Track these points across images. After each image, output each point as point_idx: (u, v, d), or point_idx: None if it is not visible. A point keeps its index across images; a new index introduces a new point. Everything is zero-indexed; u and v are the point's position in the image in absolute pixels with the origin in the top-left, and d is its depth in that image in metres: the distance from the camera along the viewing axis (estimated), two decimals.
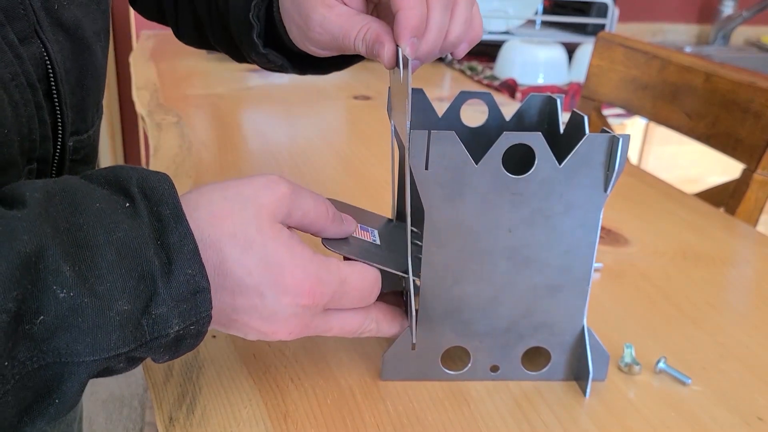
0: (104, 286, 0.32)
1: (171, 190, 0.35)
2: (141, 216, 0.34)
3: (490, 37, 1.66)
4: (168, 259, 0.33)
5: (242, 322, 0.38)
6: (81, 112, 0.47)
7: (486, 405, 0.43)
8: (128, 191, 0.35)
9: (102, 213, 0.33)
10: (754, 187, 0.88)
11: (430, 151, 0.39)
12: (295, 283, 0.37)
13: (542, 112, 0.49)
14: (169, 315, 0.33)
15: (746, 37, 2.37)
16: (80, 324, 0.31)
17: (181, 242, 0.33)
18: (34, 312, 0.30)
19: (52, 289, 0.30)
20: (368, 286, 0.41)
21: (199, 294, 0.34)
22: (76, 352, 0.31)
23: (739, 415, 0.43)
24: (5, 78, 0.39)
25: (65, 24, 0.44)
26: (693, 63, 0.98)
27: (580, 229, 0.42)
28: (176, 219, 0.34)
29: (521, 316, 0.43)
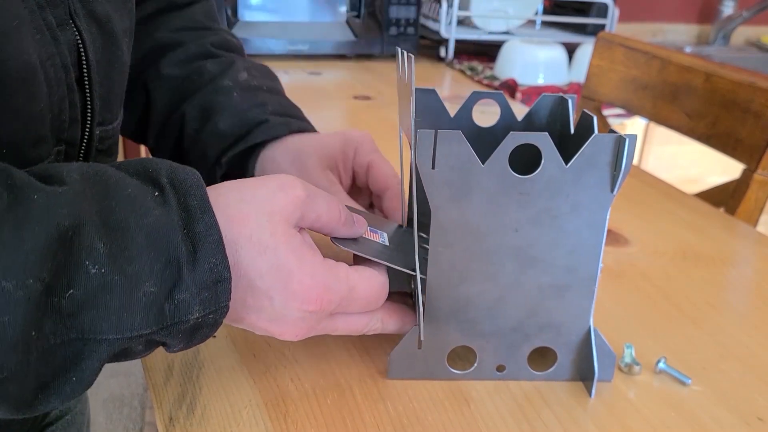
0: (133, 268, 0.33)
1: (199, 182, 0.36)
2: (170, 205, 0.35)
3: (490, 37, 1.66)
4: (194, 247, 0.34)
5: (250, 321, 0.39)
6: (107, 103, 0.48)
7: (486, 405, 0.43)
8: (158, 181, 0.36)
9: (133, 198, 0.34)
10: (754, 187, 0.88)
11: (437, 151, 0.39)
12: (303, 290, 0.38)
13: (554, 112, 0.49)
14: (191, 302, 0.34)
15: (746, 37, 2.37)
16: (108, 302, 0.32)
17: (206, 232, 0.35)
18: (65, 286, 0.31)
19: (84, 265, 0.31)
20: (375, 293, 0.41)
21: (221, 284, 0.35)
22: (99, 329, 0.32)
23: (739, 415, 0.43)
24: (42, 56, 0.40)
25: (98, 16, 0.46)
26: (693, 63, 0.98)
27: (586, 229, 0.42)
28: (203, 210, 0.35)
29: (527, 315, 0.44)
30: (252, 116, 0.57)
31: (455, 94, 1.32)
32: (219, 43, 0.64)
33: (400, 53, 0.43)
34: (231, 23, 1.46)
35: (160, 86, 0.60)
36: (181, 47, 0.62)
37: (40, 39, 0.40)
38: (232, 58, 0.63)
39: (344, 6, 1.55)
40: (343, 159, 0.56)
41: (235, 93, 0.59)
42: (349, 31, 1.53)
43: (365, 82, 1.31)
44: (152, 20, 0.63)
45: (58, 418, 0.64)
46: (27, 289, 0.30)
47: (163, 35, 0.62)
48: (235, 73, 0.60)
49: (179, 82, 0.60)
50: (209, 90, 0.59)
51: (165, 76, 0.60)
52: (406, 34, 1.52)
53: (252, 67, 0.63)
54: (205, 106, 0.58)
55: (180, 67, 0.60)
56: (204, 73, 0.60)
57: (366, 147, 0.56)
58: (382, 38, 1.52)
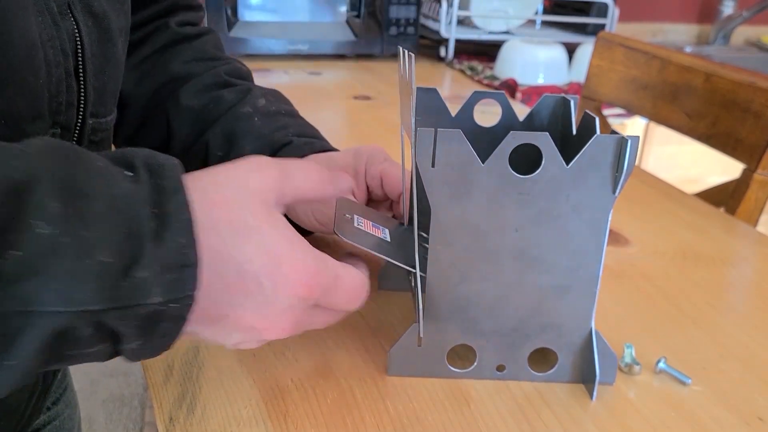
0: (89, 233, 0.30)
1: (176, 167, 0.35)
2: (141, 183, 0.33)
3: (490, 37, 1.66)
4: (161, 225, 0.32)
5: (232, 318, 0.36)
6: (102, 96, 0.49)
7: (486, 405, 0.43)
8: (132, 164, 0.34)
9: (101, 171, 0.32)
10: (754, 187, 0.88)
11: (437, 150, 0.39)
12: (294, 273, 0.36)
13: (555, 113, 0.49)
14: (151, 282, 0.31)
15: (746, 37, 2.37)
16: (55, 266, 0.29)
17: (177, 210, 0.32)
18: (9, 244, 0.28)
19: (32, 223, 0.29)
20: (358, 288, 0.40)
21: (187, 269, 0.32)
22: (42, 300, 0.29)
23: (739, 415, 0.43)
24: (43, 37, 0.41)
25: (94, 12, 0.47)
26: (693, 63, 0.98)
27: (587, 230, 0.42)
28: (175, 190, 0.33)
29: (528, 316, 0.43)
30: (276, 139, 0.59)
31: (455, 93, 1.32)
32: (232, 72, 0.65)
33: (401, 52, 0.43)
34: (231, 23, 1.46)
35: (180, 117, 0.61)
36: (197, 78, 0.63)
37: (41, 21, 0.42)
38: (248, 86, 0.64)
39: (344, 6, 1.55)
40: (355, 175, 0.56)
41: (256, 118, 0.60)
42: (349, 31, 1.53)
43: (365, 82, 1.31)
44: (164, 53, 0.65)
45: (46, 424, 0.64)
46: None
47: (178, 67, 0.64)
48: (253, 100, 0.62)
49: (198, 111, 0.61)
50: (230, 117, 0.60)
51: (184, 107, 0.61)
52: (406, 33, 1.52)
53: (268, 93, 0.65)
54: (228, 132, 0.60)
55: (198, 98, 0.62)
56: (222, 102, 0.61)
57: (376, 158, 0.57)
58: (382, 38, 1.52)
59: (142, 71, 0.63)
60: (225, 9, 1.44)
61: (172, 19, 0.66)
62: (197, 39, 0.67)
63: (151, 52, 0.64)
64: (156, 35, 0.65)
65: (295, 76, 1.35)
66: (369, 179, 0.56)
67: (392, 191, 0.56)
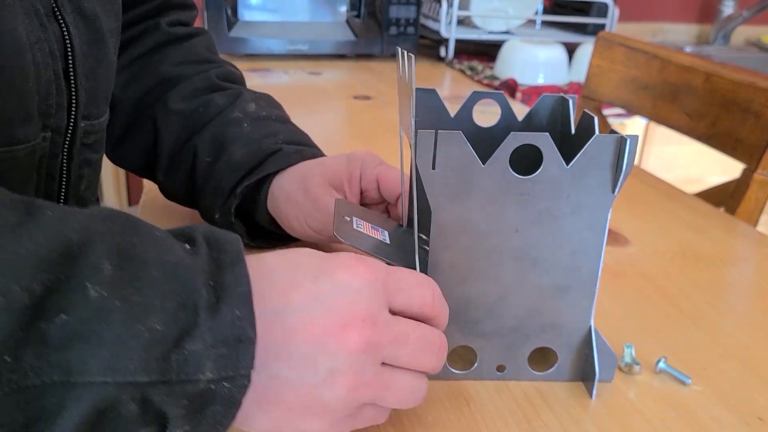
0: (141, 299, 0.28)
1: (236, 242, 0.33)
2: (199, 255, 0.31)
3: (490, 37, 1.66)
4: (217, 297, 0.30)
5: (287, 399, 0.33)
6: (93, 98, 0.49)
7: (486, 405, 0.43)
8: (191, 237, 0.33)
9: (159, 240, 0.31)
10: (754, 187, 0.88)
11: (437, 151, 0.39)
12: None
13: (554, 112, 0.49)
14: (203, 355, 0.29)
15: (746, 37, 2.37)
16: (103, 332, 0.27)
17: (235, 283, 0.31)
18: (58, 309, 0.27)
19: (84, 286, 0.27)
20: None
21: (243, 344, 0.30)
22: (87, 369, 0.27)
23: (739, 415, 0.43)
24: (31, 39, 0.41)
25: (85, 12, 0.46)
26: (693, 63, 0.98)
27: (587, 229, 0.42)
28: (234, 263, 0.31)
29: (528, 316, 0.44)
30: (265, 146, 0.58)
31: (455, 93, 1.32)
32: (223, 75, 0.64)
33: (400, 53, 0.43)
34: (231, 23, 1.46)
35: (169, 120, 0.60)
36: (187, 81, 0.62)
37: (29, 23, 0.41)
38: (239, 90, 0.63)
39: (344, 6, 1.55)
40: (348, 179, 0.56)
41: (245, 124, 0.59)
42: (349, 31, 1.54)
43: (365, 82, 1.31)
44: (154, 54, 0.64)
45: None
46: (10, 297, 0.25)
47: (167, 69, 0.63)
48: (243, 105, 0.61)
49: (187, 115, 0.60)
50: (219, 122, 0.59)
51: (173, 111, 0.60)
52: (406, 33, 1.52)
53: (259, 98, 0.64)
54: (217, 138, 0.58)
55: (187, 101, 0.61)
56: (212, 106, 0.60)
57: (371, 162, 0.56)
58: (382, 38, 1.52)
59: (132, 73, 0.62)
60: (225, 9, 1.44)
61: (163, 18, 0.65)
62: (188, 40, 0.66)
63: (141, 53, 0.63)
64: (146, 35, 0.64)
65: (295, 76, 1.35)
66: (365, 183, 0.56)
67: (390, 194, 0.55)
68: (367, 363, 0.34)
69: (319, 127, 1.00)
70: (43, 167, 0.46)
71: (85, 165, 0.51)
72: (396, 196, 0.55)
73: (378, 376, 0.34)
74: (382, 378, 0.35)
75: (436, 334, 0.37)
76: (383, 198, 0.56)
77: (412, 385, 0.36)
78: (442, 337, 0.38)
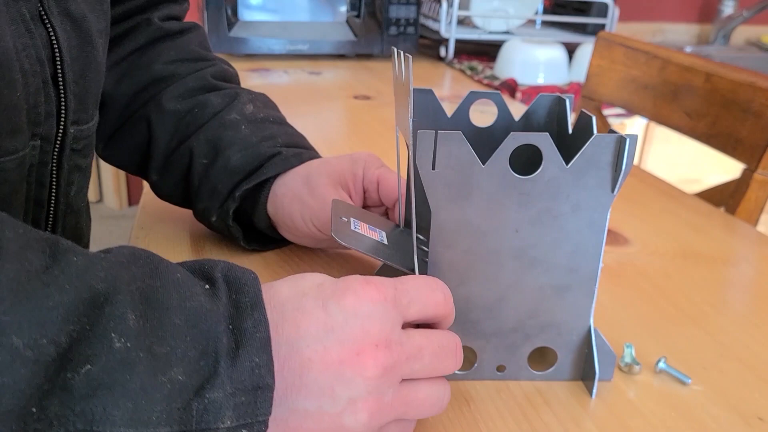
0: (163, 349, 0.29)
1: (254, 282, 0.33)
2: (219, 298, 0.32)
3: (490, 36, 1.66)
4: (236, 343, 0.31)
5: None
6: (82, 102, 0.48)
7: (486, 405, 0.43)
8: (211, 276, 0.33)
9: (180, 283, 0.31)
10: (754, 186, 0.88)
11: (437, 152, 0.39)
12: None
13: (551, 112, 0.49)
14: (223, 404, 0.29)
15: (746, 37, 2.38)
16: (127, 382, 0.27)
17: (254, 328, 0.31)
18: (83, 360, 0.27)
19: (109, 336, 0.28)
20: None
21: (261, 391, 0.30)
22: (110, 419, 0.27)
23: (739, 415, 0.43)
24: (18, 47, 0.40)
25: (73, 15, 0.45)
26: (693, 63, 0.98)
27: (587, 229, 0.42)
28: (253, 307, 0.32)
29: (528, 316, 0.44)
30: (264, 149, 0.57)
31: (455, 93, 1.32)
32: (218, 74, 0.63)
33: (396, 53, 0.43)
34: (231, 23, 1.46)
35: (163, 120, 0.59)
36: (181, 80, 0.61)
37: (14, 30, 0.40)
38: (235, 90, 0.62)
39: (344, 6, 1.55)
40: (353, 179, 0.56)
41: (243, 126, 0.58)
42: (349, 31, 1.54)
43: (365, 82, 1.31)
44: (146, 51, 0.62)
45: None
46: (38, 351, 0.26)
47: (160, 68, 0.61)
48: (240, 106, 0.60)
49: (182, 115, 0.59)
50: (216, 124, 0.59)
51: (167, 110, 0.59)
52: (406, 33, 1.52)
53: (255, 98, 0.63)
54: (214, 140, 0.58)
55: (182, 101, 0.60)
56: (208, 107, 0.59)
57: (373, 164, 0.56)
58: (382, 38, 1.52)
59: (123, 70, 0.61)
60: (225, 9, 1.44)
61: (154, 13, 0.63)
62: (181, 36, 0.64)
63: (133, 50, 0.62)
64: (138, 31, 0.62)
65: (295, 76, 1.35)
66: (366, 183, 0.56)
67: (388, 196, 0.55)
68: (385, 386, 0.34)
69: (319, 127, 1.00)
70: (32, 176, 0.46)
71: (75, 171, 0.50)
72: (394, 200, 0.55)
73: (398, 395, 0.35)
74: (402, 396, 0.35)
75: (449, 336, 0.38)
76: (382, 201, 0.56)
77: (434, 395, 0.37)
78: (455, 337, 0.38)
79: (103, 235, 2.41)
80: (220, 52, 1.44)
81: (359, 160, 0.57)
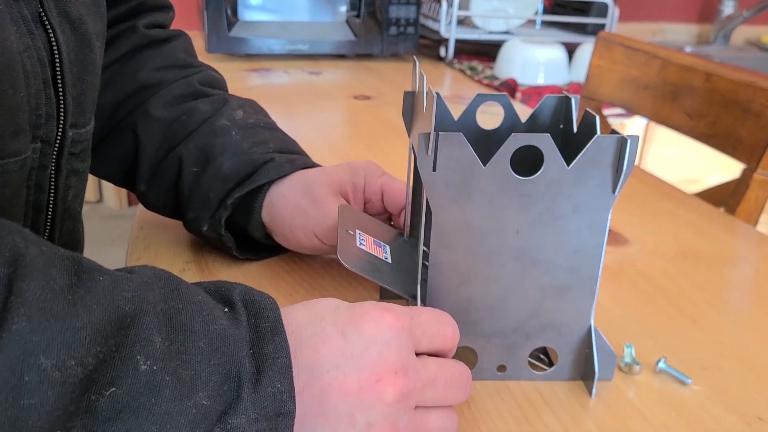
0: (188, 372, 0.29)
1: (273, 306, 0.34)
2: (240, 322, 0.32)
3: (490, 37, 1.66)
4: (258, 368, 0.31)
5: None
6: (80, 105, 0.47)
7: (486, 405, 0.43)
8: (230, 299, 0.34)
9: (202, 305, 0.32)
10: (754, 186, 0.88)
11: (438, 153, 0.39)
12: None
13: (557, 112, 0.49)
14: (246, 430, 0.30)
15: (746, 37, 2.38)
16: (152, 406, 0.27)
17: (275, 354, 0.31)
18: (108, 381, 0.27)
19: (135, 359, 0.28)
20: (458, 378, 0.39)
21: (282, 417, 0.31)
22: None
23: (739, 415, 0.43)
24: (20, 47, 0.40)
25: (71, 17, 0.44)
26: (693, 63, 0.98)
27: (588, 230, 0.42)
28: (274, 331, 0.32)
29: (529, 316, 0.44)
30: (256, 156, 0.55)
31: (455, 93, 1.32)
32: (206, 80, 0.62)
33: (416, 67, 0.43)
34: (231, 23, 1.46)
35: (150, 129, 0.58)
36: (168, 87, 0.60)
37: (17, 30, 0.40)
38: (223, 96, 0.61)
39: (344, 6, 1.55)
40: (353, 189, 0.55)
41: (233, 132, 0.57)
42: (349, 31, 1.54)
43: (365, 82, 1.31)
44: (132, 59, 0.61)
45: None
46: (66, 372, 0.25)
47: (146, 75, 0.60)
48: (230, 112, 0.59)
49: (170, 123, 0.58)
50: (205, 131, 0.57)
51: (154, 118, 0.58)
52: (406, 33, 1.52)
53: (244, 104, 0.61)
54: (203, 147, 0.56)
55: (169, 109, 0.58)
56: (196, 114, 0.58)
57: (374, 172, 0.55)
58: (382, 38, 1.52)
59: (107, 78, 0.59)
60: (225, 9, 1.44)
61: (140, 21, 0.62)
62: (167, 43, 0.63)
63: (117, 58, 0.60)
64: (123, 38, 0.61)
65: (295, 76, 1.35)
66: (368, 194, 0.55)
67: (393, 205, 0.54)
68: (401, 412, 0.35)
69: (319, 127, 1.00)
70: (32, 179, 0.45)
71: (73, 174, 0.50)
72: (400, 208, 0.54)
73: (412, 422, 0.36)
74: (415, 423, 0.36)
75: (461, 367, 0.39)
76: (386, 209, 0.56)
77: (444, 423, 0.38)
78: (465, 369, 0.39)
79: (103, 235, 2.41)
80: (220, 52, 1.44)
81: (358, 169, 0.56)
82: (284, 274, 0.57)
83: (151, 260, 0.58)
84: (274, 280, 0.56)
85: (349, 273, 0.56)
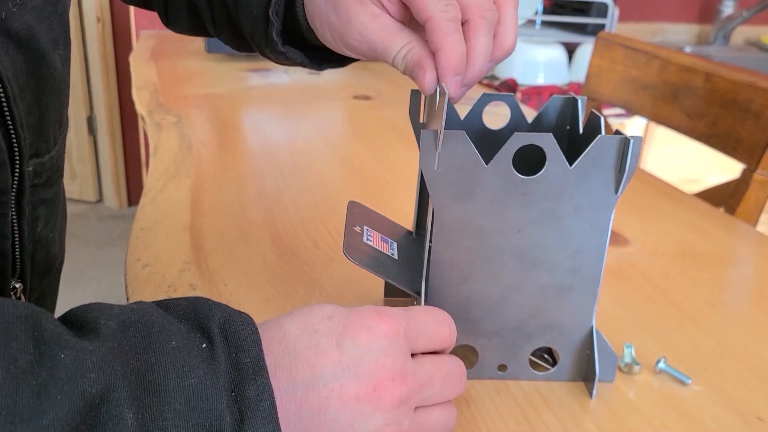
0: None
1: (254, 336, 0.32)
2: (218, 362, 0.31)
3: None
4: (240, 414, 0.30)
5: None
6: (41, 132, 0.43)
7: (486, 405, 0.43)
8: (208, 330, 0.32)
9: (176, 353, 0.30)
10: (754, 186, 0.88)
11: (441, 150, 0.39)
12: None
13: (563, 113, 0.49)
14: None
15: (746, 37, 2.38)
16: None
17: (257, 397, 0.30)
18: None
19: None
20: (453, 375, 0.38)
21: None
22: None
23: (739, 415, 0.43)
24: None
25: (16, 34, 0.39)
26: (693, 63, 0.98)
27: (590, 230, 0.42)
28: (255, 370, 0.31)
29: (530, 316, 0.44)
30: None
31: None
32: None
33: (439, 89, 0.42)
34: None
35: None
36: None
37: None
38: None
39: None
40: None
41: None
42: None
43: (365, 82, 1.31)
44: None
45: None
46: None
47: None
48: None
49: None
50: None
51: None
52: None
53: None
54: None
55: None
56: None
57: None
58: None
59: None
60: None
61: None
62: None
63: None
64: None
65: (295, 76, 1.35)
66: None
67: (418, 12, 0.44)
68: (402, 415, 0.35)
69: (319, 127, 1.00)
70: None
71: (40, 204, 0.46)
72: (424, 20, 0.43)
73: (414, 423, 0.36)
74: (417, 423, 0.36)
75: (456, 361, 0.39)
76: None
77: (444, 418, 0.38)
78: (459, 363, 0.39)
79: (103, 235, 2.41)
80: (220, 52, 1.44)
81: None
82: (284, 274, 0.57)
83: (151, 260, 0.58)
84: (274, 280, 0.56)
85: (349, 273, 0.56)
